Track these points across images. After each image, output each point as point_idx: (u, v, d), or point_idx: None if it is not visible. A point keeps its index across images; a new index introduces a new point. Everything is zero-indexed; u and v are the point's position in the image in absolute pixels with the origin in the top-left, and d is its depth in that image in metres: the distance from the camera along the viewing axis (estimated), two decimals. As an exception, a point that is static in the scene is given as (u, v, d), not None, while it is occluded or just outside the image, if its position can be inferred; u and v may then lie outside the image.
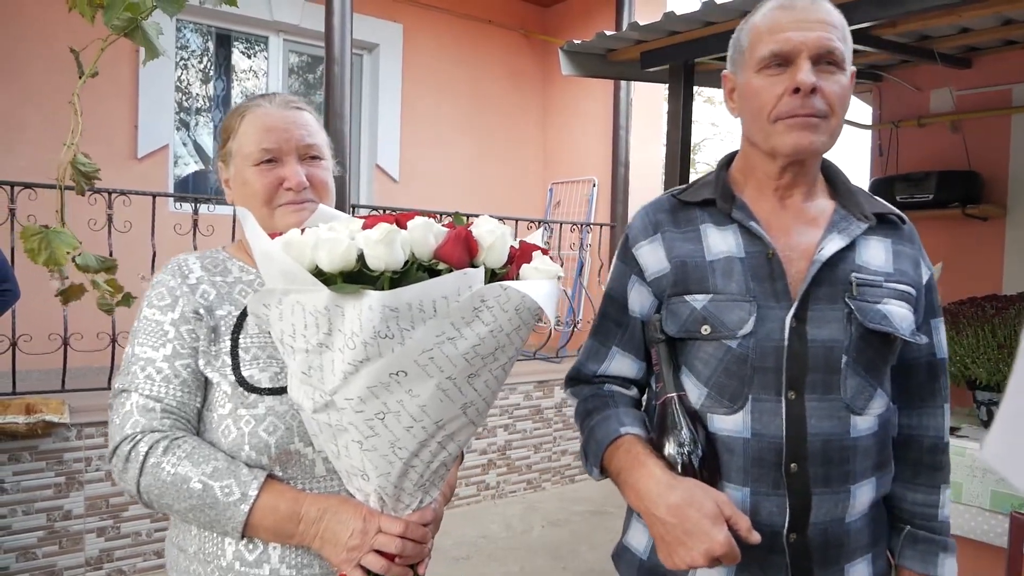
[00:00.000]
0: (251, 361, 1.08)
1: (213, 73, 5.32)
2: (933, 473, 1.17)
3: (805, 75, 1.03)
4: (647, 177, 6.00)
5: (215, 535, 1.07)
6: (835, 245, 1.08)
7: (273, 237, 0.90)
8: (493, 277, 0.88)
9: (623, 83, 5.64)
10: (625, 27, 3.67)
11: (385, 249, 0.82)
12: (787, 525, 1.05)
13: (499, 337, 0.88)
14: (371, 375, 0.86)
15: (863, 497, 1.09)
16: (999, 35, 3.06)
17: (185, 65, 5.18)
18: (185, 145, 5.21)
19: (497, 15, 6.25)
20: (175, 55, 4.93)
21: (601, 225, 5.74)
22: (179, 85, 5.08)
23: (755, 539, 0.97)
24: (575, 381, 1.26)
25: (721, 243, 1.12)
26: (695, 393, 1.10)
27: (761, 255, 1.09)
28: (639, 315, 1.18)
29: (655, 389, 1.14)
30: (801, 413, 1.05)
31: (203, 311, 1.10)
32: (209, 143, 5.27)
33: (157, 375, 1.06)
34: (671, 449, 1.05)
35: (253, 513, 1.00)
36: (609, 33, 3.40)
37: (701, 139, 16.74)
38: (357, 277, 0.84)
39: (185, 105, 5.19)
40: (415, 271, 0.84)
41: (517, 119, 6.47)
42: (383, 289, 0.82)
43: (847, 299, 1.07)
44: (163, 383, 1.06)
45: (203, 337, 1.09)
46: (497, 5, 6.26)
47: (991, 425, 0.47)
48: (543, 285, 0.86)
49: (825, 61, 1.05)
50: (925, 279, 1.16)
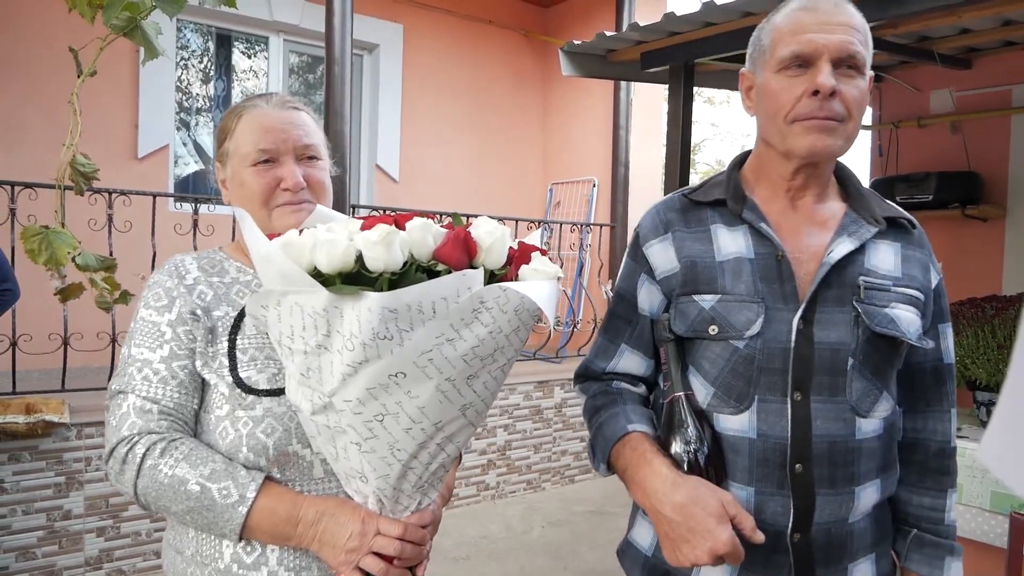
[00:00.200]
0: (249, 362, 1.07)
1: (213, 73, 5.31)
2: (940, 477, 1.17)
3: (825, 78, 1.03)
4: (647, 177, 6.00)
5: (212, 537, 1.06)
6: (844, 248, 1.08)
7: (271, 238, 0.90)
8: (492, 278, 0.88)
9: (623, 83, 5.64)
10: (625, 28, 3.67)
11: (384, 250, 0.82)
12: (791, 525, 1.05)
13: (498, 338, 0.88)
14: (370, 377, 0.85)
15: (867, 499, 1.09)
16: (999, 36, 3.06)
17: (185, 65, 5.18)
18: (185, 145, 5.20)
19: (497, 15, 6.25)
20: (175, 55, 4.93)
21: (601, 225, 5.74)
22: (179, 85, 5.08)
23: (759, 539, 0.98)
24: (584, 378, 1.27)
25: (731, 244, 1.12)
26: (702, 392, 1.10)
27: (770, 256, 1.09)
28: (648, 313, 1.18)
29: (663, 387, 1.14)
30: (807, 414, 1.05)
31: (200, 312, 1.09)
32: (209, 143, 5.26)
33: (154, 376, 1.06)
34: (678, 447, 1.06)
35: (251, 515, 1.00)
36: (609, 34, 3.40)
37: (701, 139, 16.74)
38: (356, 278, 0.83)
39: (185, 105, 5.19)
40: (414, 272, 0.84)
41: (517, 119, 6.47)
42: (382, 290, 0.82)
43: (855, 302, 1.07)
44: (160, 384, 1.05)
45: (200, 338, 1.08)
46: (497, 5, 6.26)
47: (987, 428, 0.46)
48: (543, 286, 0.86)
49: (846, 65, 1.05)
50: (934, 284, 1.16)
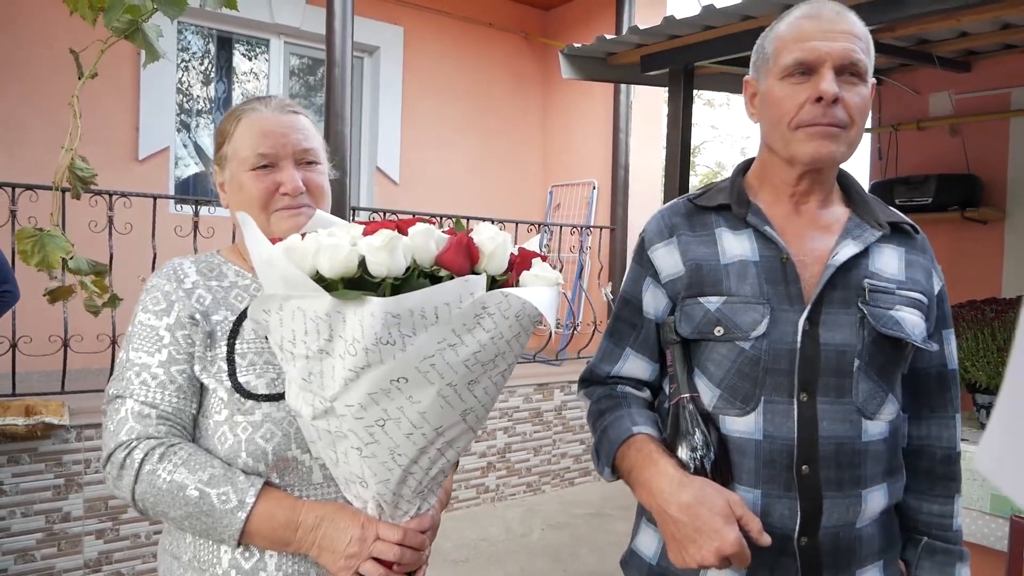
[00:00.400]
0: (248, 367, 1.07)
1: (214, 75, 5.32)
2: (947, 483, 1.17)
3: (828, 84, 1.04)
4: (647, 180, 6.00)
5: (210, 543, 1.05)
6: (849, 251, 1.09)
7: (272, 243, 0.90)
8: (493, 284, 0.88)
9: (623, 86, 5.64)
10: (625, 31, 3.67)
11: (387, 255, 0.82)
12: (798, 528, 1.05)
13: (499, 344, 0.88)
14: (372, 381, 0.86)
15: (874, 503, 1.08)
16: (998, 39, 3.07)
17: (186, 67, 5.18)
18: (186, 147, 5.21)
19: (498, 18, 6.25)
20: (176, 57, 4.94)
21: (601, 228, 5.74)
22: (180, 87, 5.09)
23: (766, 541, 0.97)
24: (588, 382, 1.26)
25: (736, 247, 1.13)
26: (707, 395, 1.10)
27: (775, 259, 1.10)
28: (653, 317, 1.18)
29: (668, 390, 1.14)
30: (813, 416, 1.05)
31: (199, 316, 1.08)
32: (210, 145, 5.27)
33: (152, 381, 1.05)
34: (684, 453, 1.05)
35: (250, 520, 0.99)
36: (609, 37, 3.41)
37: (701, 142, 16.76)
38: (358, 283, 0.83)
39: (186, 107, 5.19)
40: (416, 277, 0.84)
41: (517, 122, 6.48)
42: (384, 295, 0.82)
43: (860, 304, 1.07)
44: (158, 389, 1.05)
45: (199, 342, 1.07)
46: (498, 8, 6.26)
47: (983, 434, 0.46)
48: (544, 292, 0.87)
49: (848, 72, 1.06)
50: (937, 289, 1.17)
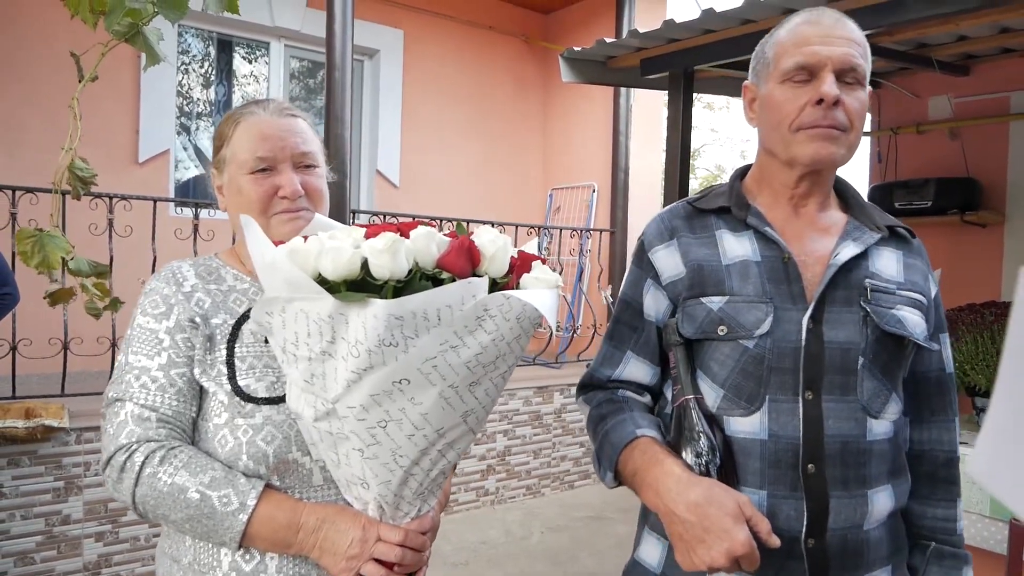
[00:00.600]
0: (247, 371, 1.07)
1: (214, 78, 5.33)
2: (949, 487, 1.17)
3: (829, 87, 1.05)
4: (647, 183, 6.01)
5: (210, 545, 1.05)
6: (850, 251, 1.10)
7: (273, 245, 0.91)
8: (494, 286, 0.89)
9: (623, 89, 5.65)
10: (625, 34, 3.68)
11: (390, 258, 0.83)
12: (805, 530, 1.04)
13: (500, 346, 0.89)
14: (374, 383, 0.86)
15: (880, 504, 1.08)
16: (996, 43, 3.07)
17: (186, 70, 5.19)
18: (186, 149, 5.21)
19: (498, 21, 6.27)
20: (176, 60, 4.95)
21: (601, 231, 5.75)
22: (180, 90, 5.10)
23: (775, 542, 0.96)
24: (588, 387, 1.25)
25: (737, 247, 1.13)
26: (711, 396, 1.10)
27: (777, 259, 1.11)
28: (654, 319, 1.18)
29: (672, 392, 1.13)
30: (818, 414, 1.05)
31: (199, 319, 1.08)
32: (210, 148, 5.27)
33: (152, 384, 1.05)
34: (689, 456, 1.04)
35: (252, 523, 0.99)
36: (609, 40, 3.41)
37: (701, 145, 16.79)
38: (361, 285, 0.84)
39: (186, 110, 5.20)
40: (419, 280, 0.85)
41: (518, 125, 6.49)
42: (387, 298, 0.83)
43: (862, 303, 1.08)
44: (158, 392, 1.05)
45: (199, 346, 1.07)
46: (498, 11, 6.28)
47: (977, 440, 0.47)
48: (544, 295, 0.88)
49: (848, 77, 1.07)
50: (933, 293, 1.18)
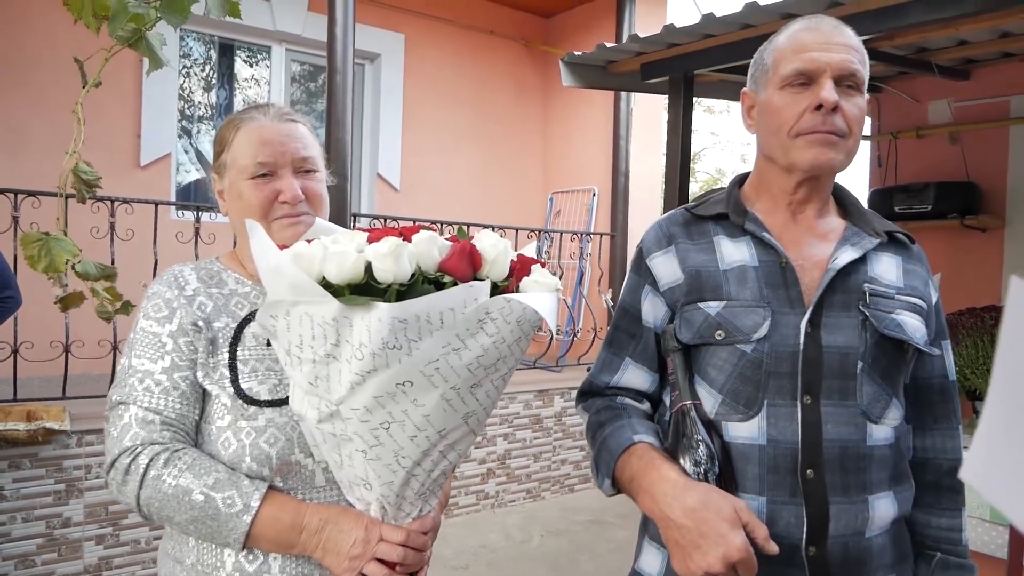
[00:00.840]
0: (250, 373, 1.08)
1: (216, 82, 5.34)
2: (953, 496, 1.16)
3: (828, 92, 1.06)
4: (647, 187, 6.02)
5: (214, 546, 1.06)
6: (848, 256, 1.10)
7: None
8: (494, 290, 0.90)
9: (623, 94, 5.66)
10: (625, 39, 3.69)
11: (393, 262, 0.84)
12: (805, 537, 1.03)
13: (501, 348, 0.90)
14: (378, 385, 0.87)
15: (882, 511, 1.07)
16: (996, 47, 3.09)
17: (188, 74, 5.21)
18: (187, 153, 5.23)
19: (498, 26, 6.29)
20: (178, 64, 4.96)
21: (601, 234, 5.76)
22: (182, 93, 5.11)
23: (773, 549, 0.95)
24: (587, 395, 1.24)
25: (735, 253, 1.13)
26: (709, 401, 1.09)
27: (774, 264, 1.11)
28: (652, 326, 1.18)
29: (670, 398, 1.13)
30: (817, 419, 1.04)
31: (201, 323, 1.09)
32: (211, 151, 5.28)
33: (156, 387, 1.06)
34: (687, 463, 1.03)
35: (255, 524, 1.00)
36: (610, 45, 3.42)
37: (701, 148, 16.80)
38: (364, 289, 0.85)
39: (187, 113, 5.21)
40: (421, 284, 0.86)
41: (518, 129, 6.50)
42: (390, 301, 0.84)
43: (861, 307, 1.08)
44: (162, 395, 1.06)
45: (201, 349, 1.08)
46: (498, 16, 6.30)
47: (970, 445, 0.47)
48: (544, 298, 0.89)
49: (846, 83, 1.08)
50: (934, 299, 1.18)
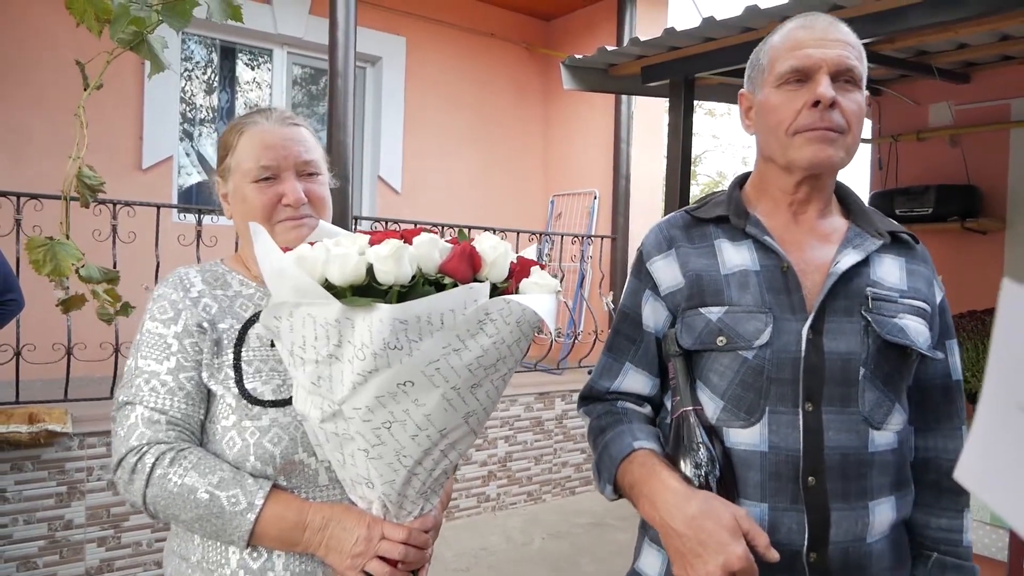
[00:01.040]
0: (254, 374, 1.10)
1: (217, 85, 5.36)
2: (956, 497, 1.14)
3: (825, 88, 1.04)
4: (648, 190, 6.03)
5: (218, 544, 1.08)
6: (850, 259, 1.08)
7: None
8: (494, 291, 0.91)
9: (624, 97, 5.68)
10: (626, 42, 3.70)
11: (394, 264, 0.85)
12: (806, 544, 1.02)
13: (501, 349, 0.91)
14: (379, 385, 0.88)
15: (883, 516, 1.06)
16: (997, 50, 3.10)
17: (189, 77, 5.22)
18: (189, 156, 5.24)
19: (500, 29, 6.30)
20: (180, 67, 4.98)
21: (602, 237, 5.76)
22: (183, 96, 5.13)
23: (773, 556, 0.95)
24: (588, 399, 1.24)
25: (736, 257, 1.12)
26: (711, 407, 1.08)
27: (776, 268, 1.09)
28: (653, 330, 1.17)
29: (671, 403, 1.12)
30: (818, 426, 1.03)
31: (206, 324, 1.11)
32: (213, 154, 5.29)
33: (161, 388, 1.08)
34: (687, 468, 1.03)
35: (259, 522, 1.02)
36: (610, 48, 3.44)
37: (702, 151, 16.82)
38: (366, 291, 0.86)
39: (189, 116, 5.23)
40: (422, 285, 0.87)
41: (519, 132, 6.51)
42: (392, 302, 0.85)
43: (863, 312, 1.06)
44: (168, 395, 1.07)
45: (206, 350, 1.10)
46: (500, 19, 6.31)
47: (965, 445, 0.47)
48: (544, 299, 0.90)
49: (843, 79, 1.07)
50: (939, 299, 1.16)
